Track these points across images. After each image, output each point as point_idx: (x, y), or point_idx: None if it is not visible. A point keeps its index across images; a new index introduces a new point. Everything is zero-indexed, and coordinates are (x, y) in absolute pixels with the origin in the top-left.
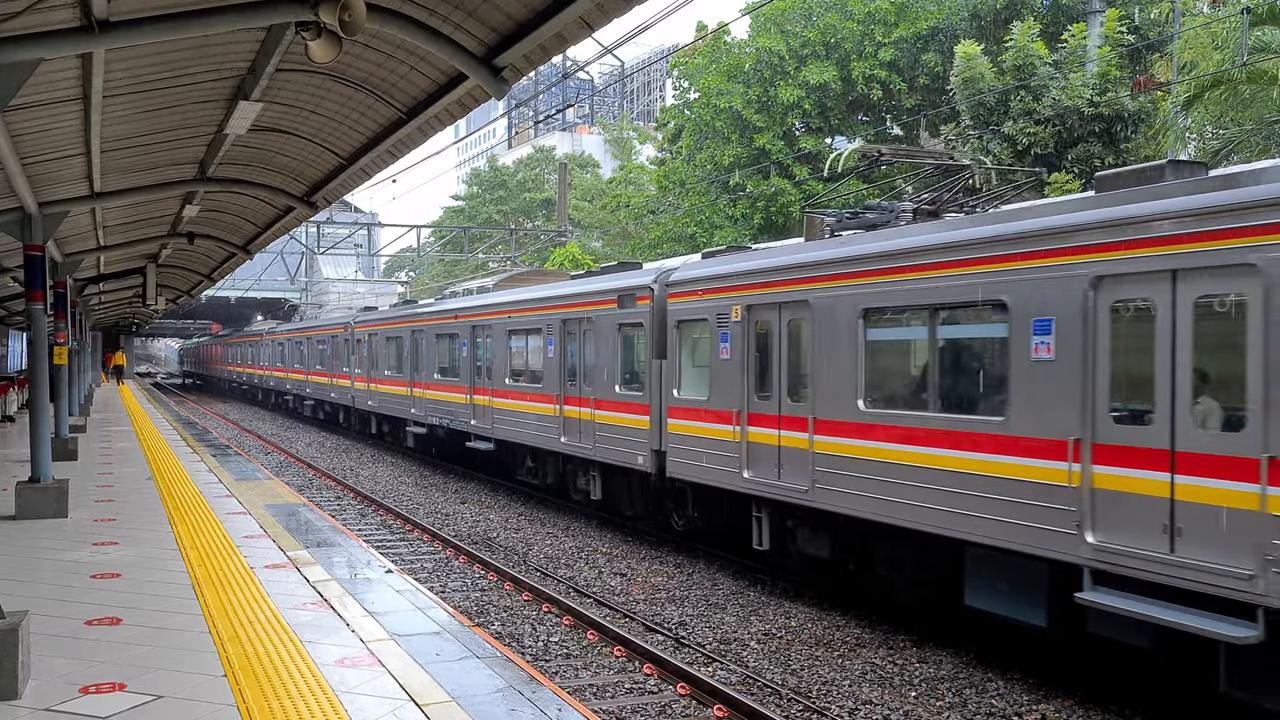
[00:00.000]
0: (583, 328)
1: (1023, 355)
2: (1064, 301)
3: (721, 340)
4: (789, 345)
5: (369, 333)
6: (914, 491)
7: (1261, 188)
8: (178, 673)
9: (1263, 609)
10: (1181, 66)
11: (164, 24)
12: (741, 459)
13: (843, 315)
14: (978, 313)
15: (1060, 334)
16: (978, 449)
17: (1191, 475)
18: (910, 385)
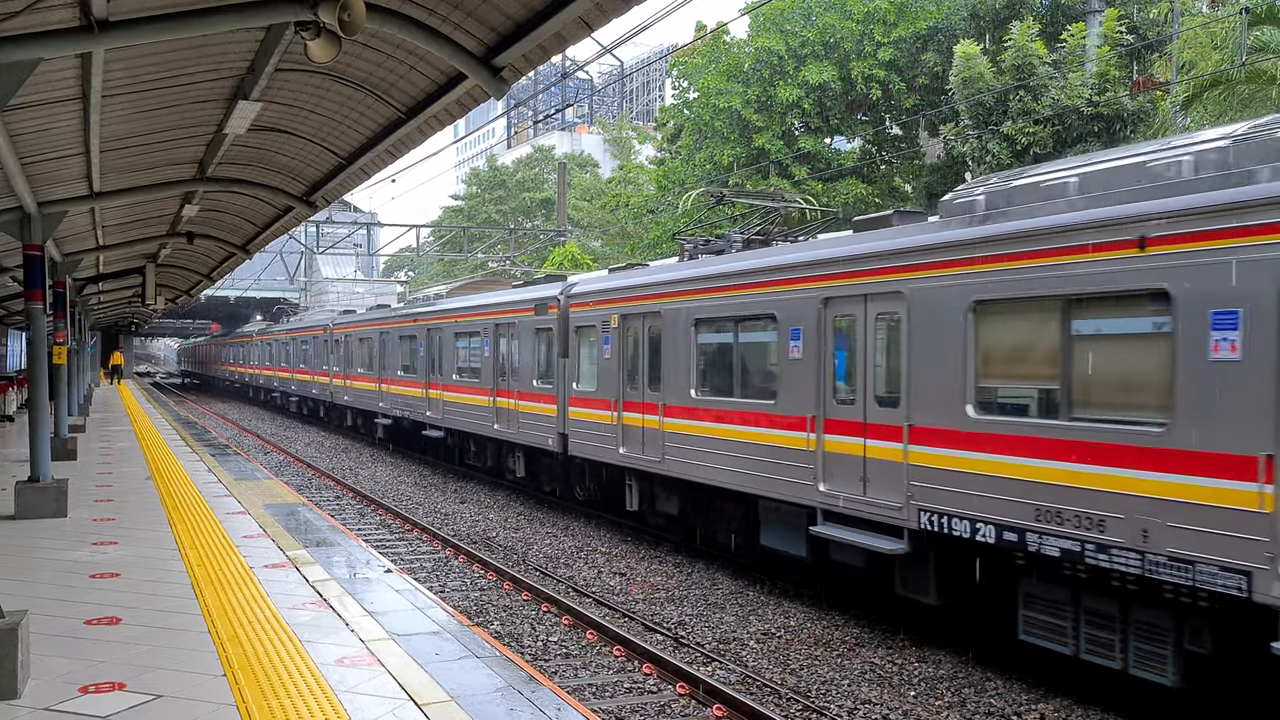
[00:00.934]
0: (510, 331)
1: (785, 354)
2: (808, 315)
3: (605, 343)
4: (649, 347)
5: (345, 334)
6: (727, 459)
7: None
8: (177, 672)
9: (906, 530)
10: (1180, 66)
11: (163, 24)
12: (618, 438)
13: (681, 323)
14: (760, 323)
15: (805, 339)
16: (760, 425)
17: (873, 439)
18: (723, 378)
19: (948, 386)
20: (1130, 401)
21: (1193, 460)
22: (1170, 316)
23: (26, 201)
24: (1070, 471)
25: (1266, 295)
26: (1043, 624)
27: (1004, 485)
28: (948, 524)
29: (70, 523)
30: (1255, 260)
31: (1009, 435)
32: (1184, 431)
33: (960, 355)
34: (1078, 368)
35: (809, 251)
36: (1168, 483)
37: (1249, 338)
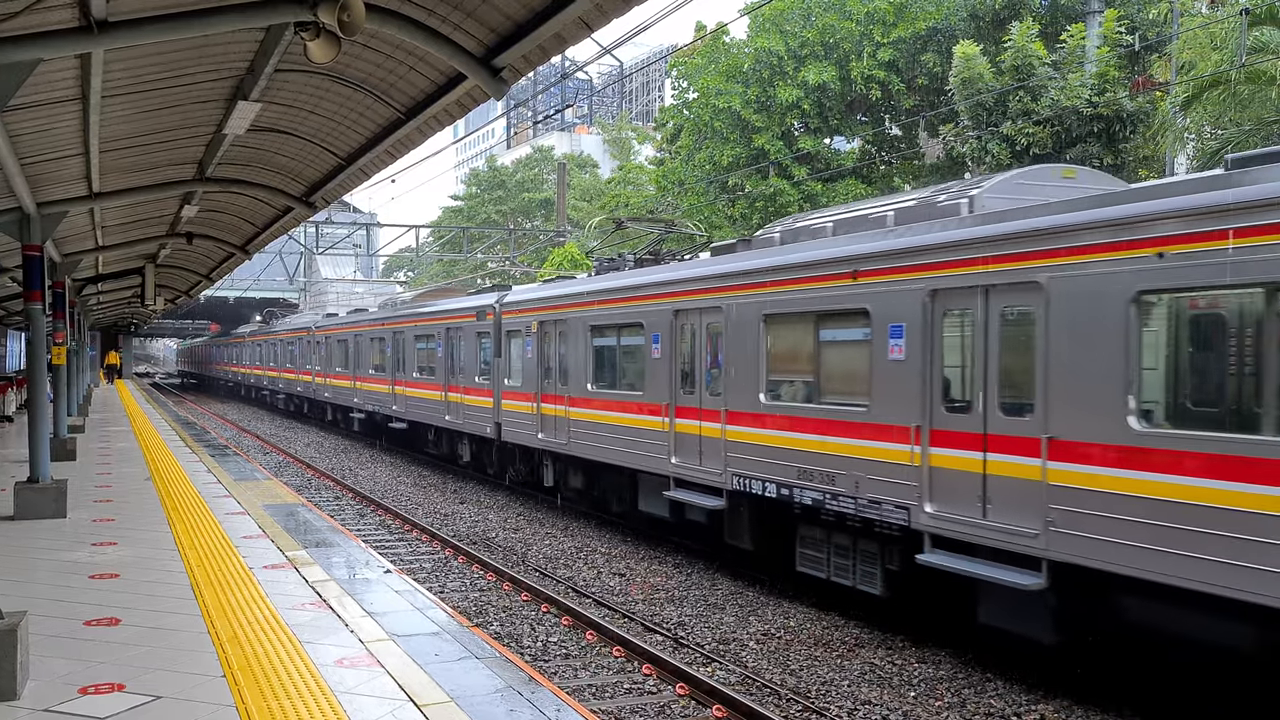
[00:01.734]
0: (459, 335)
1: (649, 355)
2: (664, 323)
3: (527, 345)
4: (557, 348)
5: (325, 336)
6: (614, 440)
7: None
8: (176, 673)
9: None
10: (1180, 67)
11: (163, 24)
12: (537, 425)
13: (581, 329)
14: (633, 329)
15: (663, 342)
16: (634, 412)
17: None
18: (610, 374)
19: (743, 378)
20: (851, 390)
21: (879, 431)
22: (869, 328)
23: (26, 202)
24: (817, 441)
25: (915, 315)
26: (809, 558)
27: (780, 454)
28: (748, 484)
29: (69, 523)
30: (909, 289)
31: (783, 416)
32: (875, 410)
33: (753, 354)
34: (823, 365)
35: (663, 273)
36: (867, 447)
37: (909, 344)
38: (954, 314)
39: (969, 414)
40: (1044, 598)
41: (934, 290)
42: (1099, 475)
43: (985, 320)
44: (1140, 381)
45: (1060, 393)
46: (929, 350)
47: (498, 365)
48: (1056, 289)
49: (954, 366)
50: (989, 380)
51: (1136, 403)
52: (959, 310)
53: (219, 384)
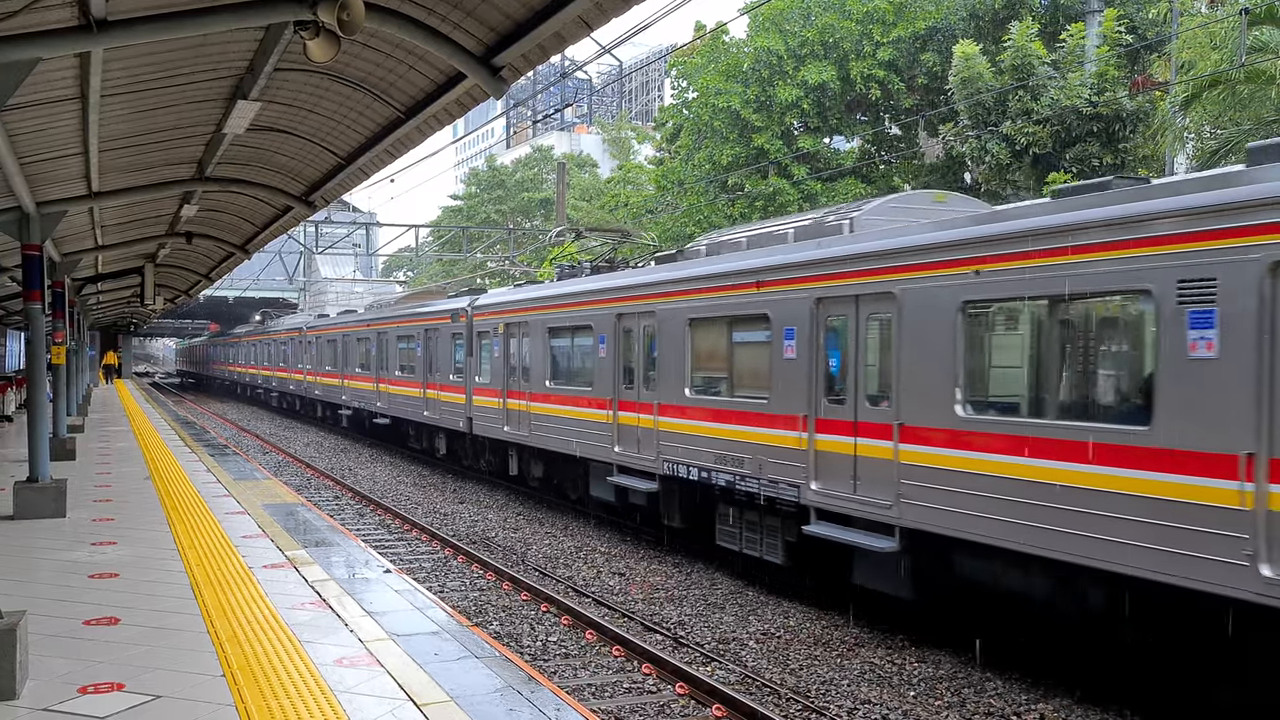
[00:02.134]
0: (435, 336)
1: (596, 354)
2: (607, 326)
3: (494, 345)
4: (521, 348)
5: (316, 336)
6: (569, 432)
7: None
8: (176, 672)
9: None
10: (1180, 66)
11: (162, 23)
12: (504, 419)
13: (541, 331)
14: (584, 330)
15: (608, 343)
16: (584, 406)
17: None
18: (564, 372)
19: (672, 375)
20: (756, 384)
21: (776, 420)
22: (770, 331)
23: (25, 201)
24: (730, 430)
25: (804, 320)
26: (726, 533)
27: (701, 441)
28: (676, 469)
29: (69, 523)
30: (799, 298)
31: (703, 408)
32: (774, 403)
33: (681, 354)
34: (735, 363)
35: (609, 280)
36: (768, 434)
37: (799, 345)
38: (834, 319)
39: (844, 405)
40: (899, 559)
41: (818, 299)
42: (935, 454)
43: (856, 325)
44: (964, 376)
45: (908, 386)
46: (814, 350)
47: (469, 364)
48: (905, 299)
49: (834, 364)
50: (859, 375)
51: (962, 394)
52: (837, 316)
53: (216, 383)
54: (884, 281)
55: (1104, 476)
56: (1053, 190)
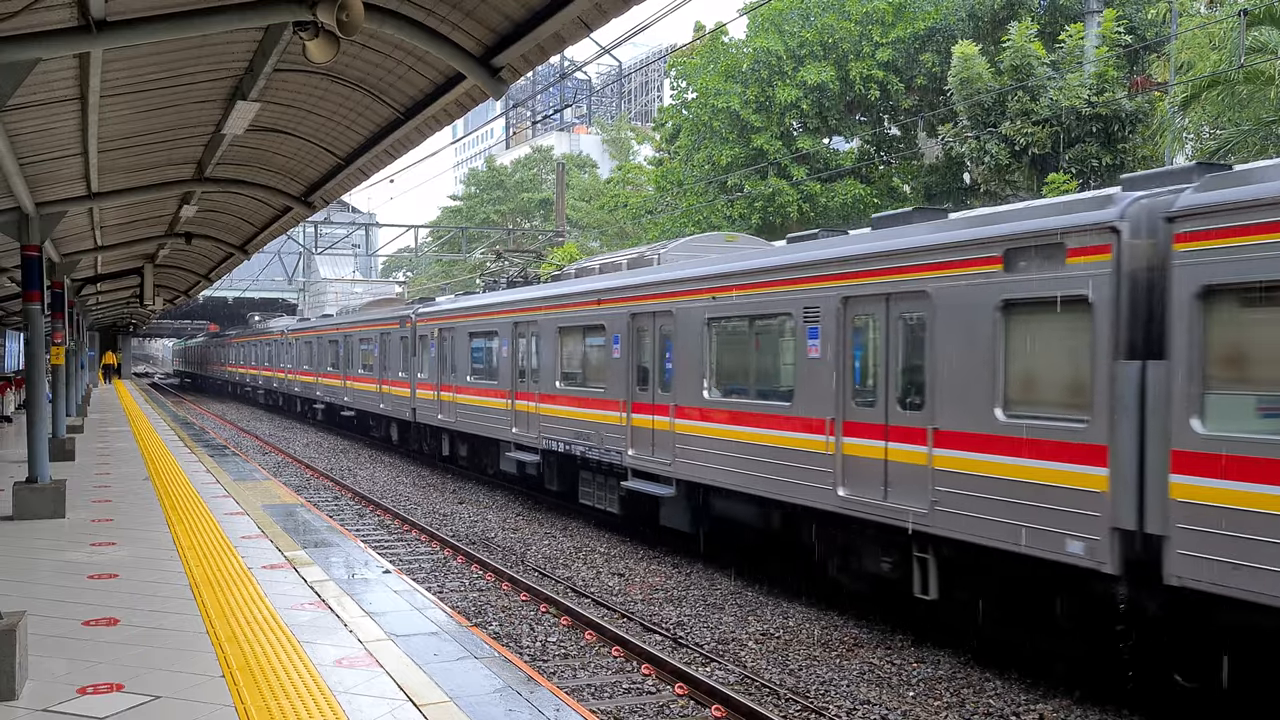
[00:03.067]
0: (388, 338)
1: (500, 354)
2: (509, 331)
3: (431, 347)
4: (450, 350)
5: (295, 338)
6: (484, 419)
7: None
8: (175, 673)
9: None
10: (1179, 67)
11: (161, 24)
12: (438, 409)
13: (464, 335)
14: (494, 335)
15: (510, 345)
16: (491, 396)
17: (527, 402)
18: (484, 368)
19: (547, 371)
20: (599, 378)
21: (609, 404)
22: (604, 338)
23: (25, 202)
24: (583, 413)
25: (625, 328)
26: (585, 493)
27: (566, 422)
28: (549, 444)
29: (68, 523)
30: (620, 312)
31: (566, 396)
32: (608, 391)
33: (554, 354)
34: (587, 362)
35: (509, 295)
36: (603, 415)
37: (622, 347)
38: (643, 328)
39: (648, 391)
40: (679, 502)
41: (633, 314)
42: (692, 425)
43: (655, 331)
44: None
45: (678, 376)
46: (629, 350)
47: (413, 363)
48: (680, 316)
49: (646, 360)
50: (656, 368)
51: (711, 381)
52: (646, 325)
53: (211, 382)
54: (666, 303)
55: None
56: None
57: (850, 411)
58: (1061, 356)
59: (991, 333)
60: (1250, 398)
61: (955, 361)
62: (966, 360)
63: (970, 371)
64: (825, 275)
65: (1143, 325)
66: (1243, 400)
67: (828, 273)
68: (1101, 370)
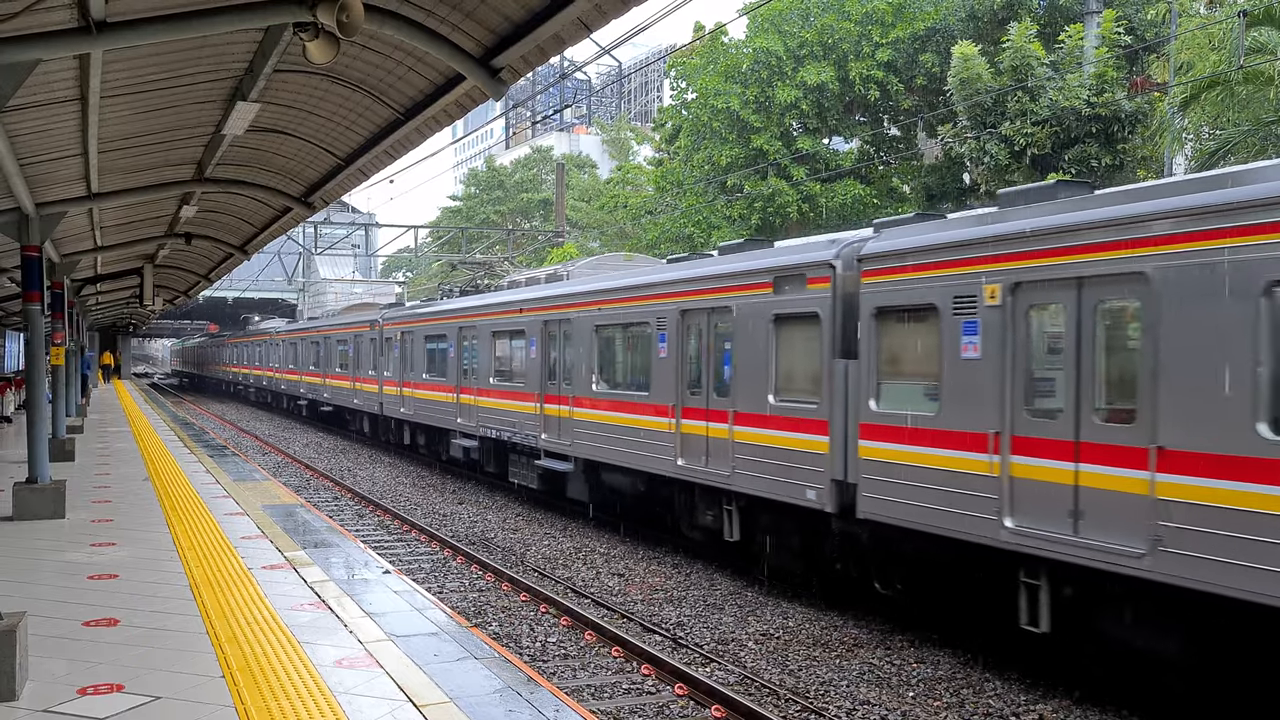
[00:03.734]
0: (360, 340)
1: (450, 354)
2: (454, 335)
3: (395, 347)
4: (412, 350)
5: (282, 340)
6: (435, 410)
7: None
8: (176, 674)
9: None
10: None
11: (162, 25)
12: (400, 403)
13: (420, 337)
14: (445, 338)
15: (455, 347)
16: (440, 390)
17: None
18: (436, 366)
19: (484, 369)
20: (522, 376)
21: (528, 397)
22: (524, 341)
23: (25, 202)
24: (509, 404)
25: (539, 331)
26: (514, 472)
27: (498, 412)
28: (485, 431)
29: (68, 524)
30: (537, 319)
31: (496, 390)
32: (527, 385)
33: (489, 355)
34: (511, 361)
35: (455, 304)
36: (524, 406)
37: (537, 348)
38: (552, 333)
39: (555, 385)
40: (578, 476)
41: (545, 321)
42: (584, 412)
43: (560, 336)
44: (597, 366)
45: (576, 372)
46: (544, 351)
47: (380, 362)
48: (576, 323)
49: (555, 359)
50: (561, 366)
51: (597, 376)
52: (554, 331)
53: (207, 380)
54: (568, 312)
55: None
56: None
57: (686, 399)
58: (806, 356)
59: (766, 338)
60: (903, 385)
61: (747, 360)
62: (753, 359)
63: (756, 368)
64: (670, 293)
65: (848, 335)
66: (898, 387)
67: (671, 291)
68: (825, 366)
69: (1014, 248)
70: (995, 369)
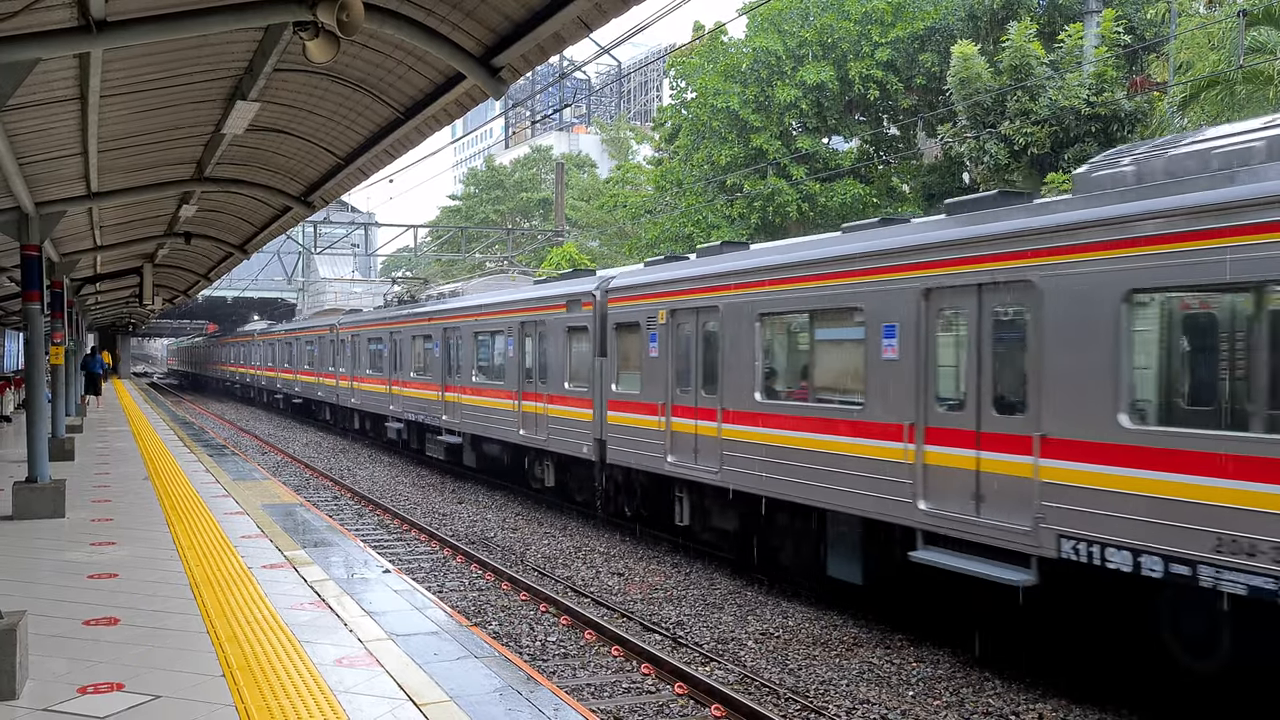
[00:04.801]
0: (324, 340)
1: (385, 353)
2: (387, 338)
3: (347, 348)
4: (358, 350)
5: (264, 340)
6: (375, 399)
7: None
8: (176, 673)
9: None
10: (1178, 67)
11: (161, 24)
12: (350, 394)
13: (364, 339)
14: (381, 340)
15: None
16: (378, 384)
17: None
18: (375, 364)
19: (406, 366)
20: (432, 370)
21: (433, 387)
22: (432, 343)
23: (24, 202)
24: (424, 393)
25: (440, 335)
26: (430, 448)
27: (416, 399)
28: (408, 415)
29: (68, 523)
30: (440, 326)
31: (415, 382)
32: (433, 378)
33: (410, 353)
34: (428, 359)
35: (388, 312)
36: (431, 394)
37: (440, 348)
38: (449, 338)
39: (451, 376)
40: (467, 449)
41: (445, 328)
42: (467, 398)
43: (456, 339)
44: (475, 362)
45: (461, 367)
46: (444, 350)
47: (337, 360)
48: (463, 330)
49: (451, 357)
50: (456, 362)
51: (474, 369)
52: (451, 336)
53: (201, 378)
54: (457, 321)
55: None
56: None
57: (526, 386)
58: (584, 356)
59: (562, 343)
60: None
61: (553, 358)
62: (555, 357)
63: (558, 363)
64: (513, 310)
65: (603, 341)
66: (627, 375)
67: (514, 308)
68: (592, 362)
69: (671, 289)
70: (665, 363)
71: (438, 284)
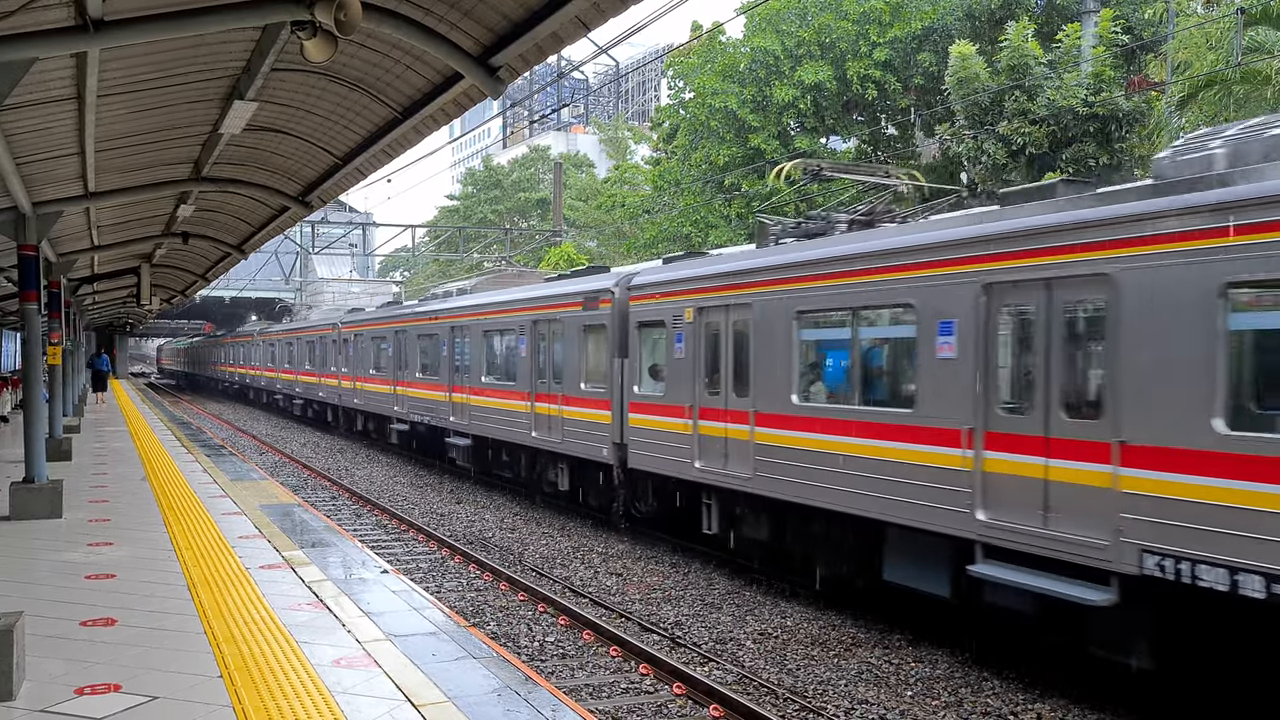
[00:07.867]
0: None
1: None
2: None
3: (350, 348)
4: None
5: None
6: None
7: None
8: (173, 673)
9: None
10: (1176, 66)
11: (159, 23)
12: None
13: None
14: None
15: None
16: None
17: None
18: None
19: (412, 366)
20: (439, 370)
21: (441, 388)
22: (438, 342)
23: (21, 201)
24: (430, 393)
25: (447, 334)
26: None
27: (422, 400)
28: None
29: (65, 524)
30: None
31: (420, 383)
32: (440, 378)
33: (415, 353)
34: (435, 358)
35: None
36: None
37: (447, 348)
38: (456, 336)
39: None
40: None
41: (451, 326)
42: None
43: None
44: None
45: (471, 368)
46: (450, 350)
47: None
48: (471, 328)
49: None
50: (464, 361)
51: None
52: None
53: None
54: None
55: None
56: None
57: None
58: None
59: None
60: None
61: (568, 357)
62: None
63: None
64: (524, 308)
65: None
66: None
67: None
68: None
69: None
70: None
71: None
